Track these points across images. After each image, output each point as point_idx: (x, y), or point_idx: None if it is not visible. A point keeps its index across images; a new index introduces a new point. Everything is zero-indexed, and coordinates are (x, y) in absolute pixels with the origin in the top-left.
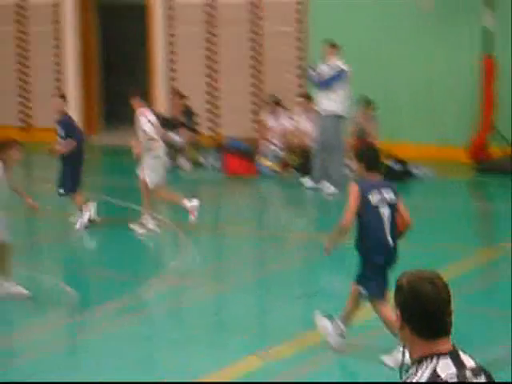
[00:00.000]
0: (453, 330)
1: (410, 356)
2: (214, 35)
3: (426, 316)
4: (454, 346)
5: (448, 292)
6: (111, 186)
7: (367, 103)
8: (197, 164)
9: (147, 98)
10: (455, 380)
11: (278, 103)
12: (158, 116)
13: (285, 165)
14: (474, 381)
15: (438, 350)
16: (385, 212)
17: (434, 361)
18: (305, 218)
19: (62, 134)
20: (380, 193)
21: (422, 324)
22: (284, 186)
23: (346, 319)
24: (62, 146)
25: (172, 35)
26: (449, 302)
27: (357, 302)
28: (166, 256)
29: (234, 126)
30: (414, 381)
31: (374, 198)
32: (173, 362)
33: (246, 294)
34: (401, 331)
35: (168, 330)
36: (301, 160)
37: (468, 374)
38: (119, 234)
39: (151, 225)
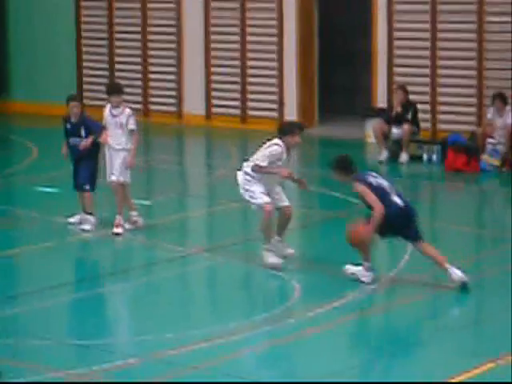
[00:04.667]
0: None
1: None
2: (435, 27)
3: None
4: None
5: None
6: (328, 178)
7: None
8: (416, 158)
9: (367, 91)
10: None
11: (504, 100)
12: (381, 111)
13: (507, 161)
14: None
15: None
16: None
17: None
18: None
19: (84, 133)
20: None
21: None
22: (506, 183)
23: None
24: (85, 142)
25: (393, 28)
26: None
27: None
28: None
29: (453, 119)
30: None
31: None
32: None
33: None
34: None
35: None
36: None
37: None
38: (339, 226)
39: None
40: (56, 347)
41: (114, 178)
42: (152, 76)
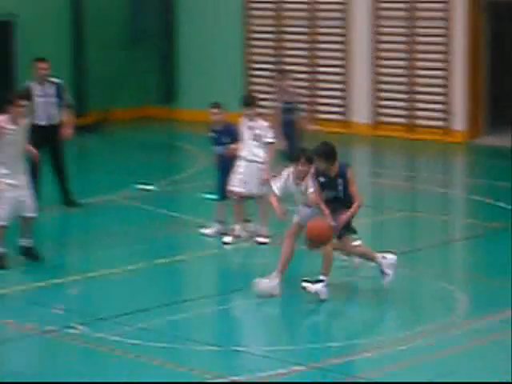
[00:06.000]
0: None
1: None
2: None
3: None
4: None
5: None
6: (495, 188)
7: None
8: None
9: None
10: None
11: None
12: None
13: None
14: None
15: None
16: None
17: None
18: None
19: (228, 141)
20: None
21: None
22: None
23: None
24: (232, 149)
25: None
26: None
27: None
28: None
29: None
30: None
31: None
32: None
33: None
34: None
35: None
36: None
37: None
38: (503, 237)
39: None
40: (221, 353)
41: (235, 189)
42: (320, 85)
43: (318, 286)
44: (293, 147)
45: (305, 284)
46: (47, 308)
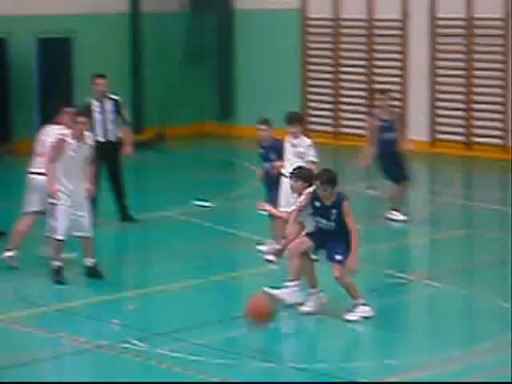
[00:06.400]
0: None
1: None
2: None
3: None
4: None
5: None
6: None
7: None
8: None
9: None
10: None
11: None
12: None
13: None
14: None
15: None
16: None
17: None
18: None
19: (275, 157)
20: None
21: None
22: None
23: None
24: (277, 166)
25: None
26: None
27: None
28: None
29: None
30: None
31: None
32: None
33: None
34: None
35: None
36: None
37: None
38: None
39: None
40: (278, 370)
41: (281, 209)
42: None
43: (359, 310)
44: (392, 166)
45: (348, 317)
46: (105, 323)
